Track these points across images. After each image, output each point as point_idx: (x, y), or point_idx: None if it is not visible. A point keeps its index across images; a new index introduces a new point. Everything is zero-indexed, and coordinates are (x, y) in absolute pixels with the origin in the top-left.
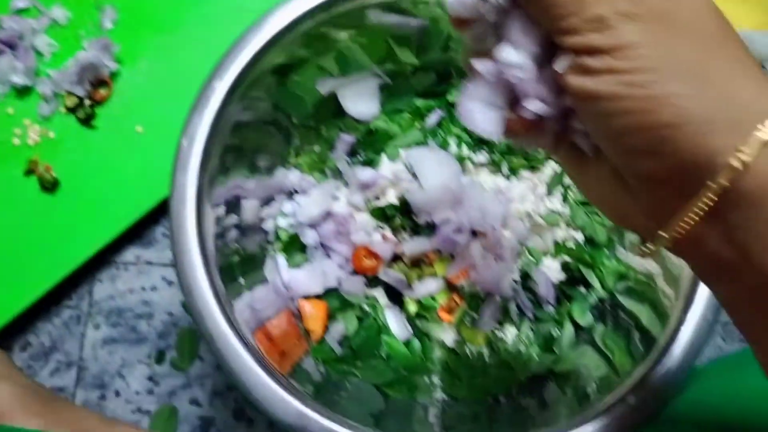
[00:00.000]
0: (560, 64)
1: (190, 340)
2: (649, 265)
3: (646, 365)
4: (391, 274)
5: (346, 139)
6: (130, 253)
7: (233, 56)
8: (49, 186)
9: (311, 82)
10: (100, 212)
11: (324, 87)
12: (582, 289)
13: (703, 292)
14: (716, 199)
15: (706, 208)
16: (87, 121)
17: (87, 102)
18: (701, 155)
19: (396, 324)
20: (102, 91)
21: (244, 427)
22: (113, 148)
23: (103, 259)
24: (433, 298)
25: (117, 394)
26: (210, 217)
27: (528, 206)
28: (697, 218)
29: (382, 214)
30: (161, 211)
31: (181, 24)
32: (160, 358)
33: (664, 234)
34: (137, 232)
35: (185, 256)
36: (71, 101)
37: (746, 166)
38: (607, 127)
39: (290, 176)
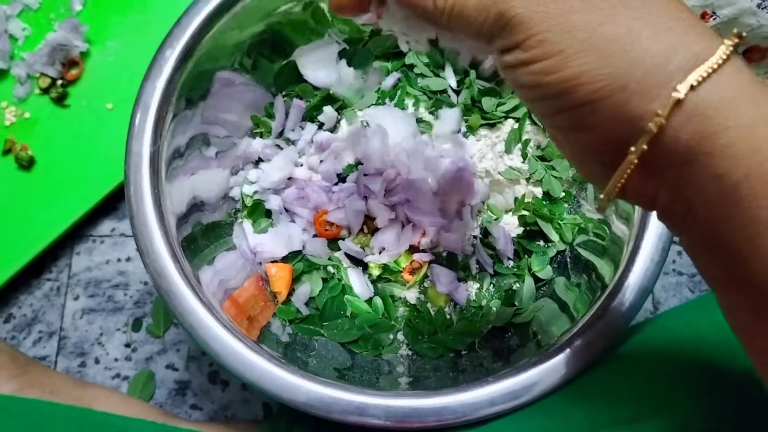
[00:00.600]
0: (487, 64)
1: (165, 308)
2: (606, 215)
3: (594, 308)
4: (350, 246)
5: (298, 105)
6: (105, 226)
7: (184, 24)
8: (26, 164)
9: (275, 50)
10: (75, 187)
11: (284, 55)
12: (541, 243)
13: (650, 234)
14: (637, 162)
15: (629, 172)
16: (60, 100)
17: (59, 82)
18: (622, 124)
19: (359, 284)
20: (73, 71)
21: (219, 390)
22: (86, 126)
23: (80, 233)
24: (395, 262)
25: (96, 361)
26: (169, 196)
27: (487, 164)
28: (625, 181)
29: (340, 177)
30: None
31: (148, 4)
32: (136, 325)
33: (602, 195)
34: (111, 206)
35: (144, 225)
36: (44, 82)
37: (662, 128)
38: (536, 111)
39: (254, 144)
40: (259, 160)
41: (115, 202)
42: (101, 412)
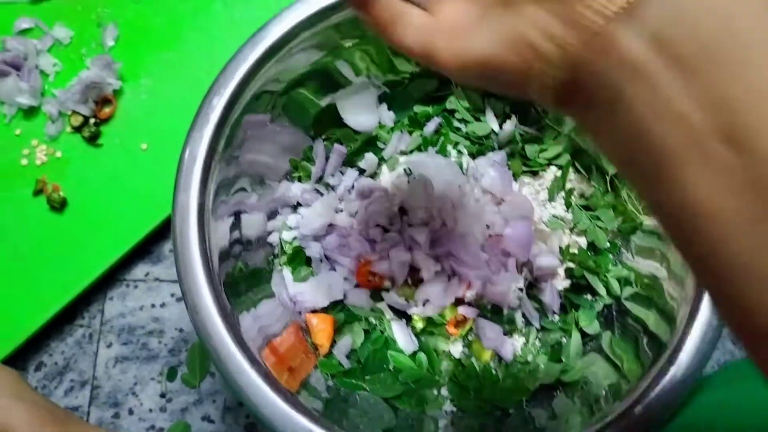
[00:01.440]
0: None
1: (201, 356)
2: (655, 269)
3: (653, 374)
4: (394, 298)
5: (339, 150)
6: (139, 270)
7: (231, 71)
8: (58, 205)
9: (314, 93)
10: (109, 230)
11: (324, 98)
12: (588, 297)
13: (707, 299)
14: None
15: None
16: (92, 139)
17: (92, 120)
18: None
19: (402, 337)
20: (106, 110)
21: None
22: (119, 166)
23: (114, 276)
24: (440, 315)
25: (130, 412)
26: (214, 234)
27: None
28: None
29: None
30: (169, 227)
31: (181, 40)
32: (171, 374)
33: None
34: (146, 249)
35: (190, 275)
36: (76, 120)
37: None
38: None
39: (293, 189)
40: (297, 204)
41: (149, 245)
42: None
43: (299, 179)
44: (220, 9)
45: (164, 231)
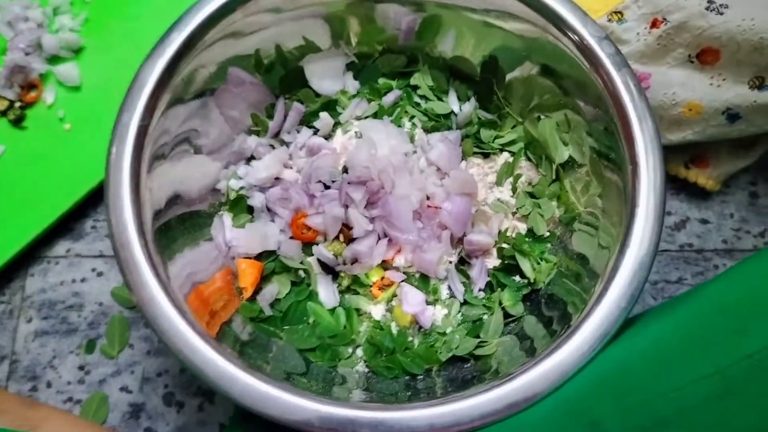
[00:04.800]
0: None
1: (120, 328)
2: (586, 249)
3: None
4: (323, 252)
5: (298, 108)
6: (60, 247)
7: (193, 12)
8: None
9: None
10: (31, 207)
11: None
12: (517, 279)
13: (620, 280)
14: None
15: None
16: (17, 122)
17: (17, 104)
18: None
19: (325, 291)
20: (32, 94)
21: (174, 412)
22: (42, 147)
23: (35, 254)
24: (366, 275)
25: (48, 385)
26: (152, 175)
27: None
28: None
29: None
30: (90, 204)
31: (107, 29)
32: (90, 347)
33: None
34: (67, 226)
35: (119, 216)
36: (2, 104)
37: None
38: None
39: (249, 141)
40: (251, 158)
41: (70, 222)
42: None
43: (258, 134)
44: None
45: (85, 208)
